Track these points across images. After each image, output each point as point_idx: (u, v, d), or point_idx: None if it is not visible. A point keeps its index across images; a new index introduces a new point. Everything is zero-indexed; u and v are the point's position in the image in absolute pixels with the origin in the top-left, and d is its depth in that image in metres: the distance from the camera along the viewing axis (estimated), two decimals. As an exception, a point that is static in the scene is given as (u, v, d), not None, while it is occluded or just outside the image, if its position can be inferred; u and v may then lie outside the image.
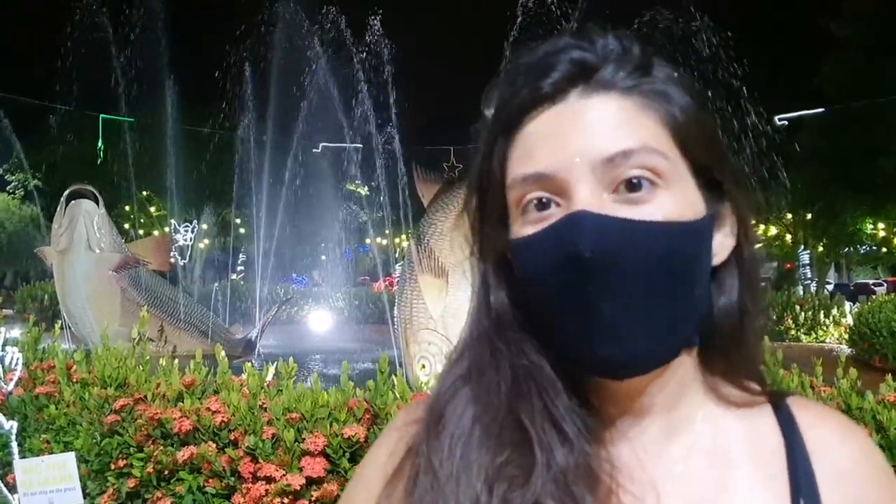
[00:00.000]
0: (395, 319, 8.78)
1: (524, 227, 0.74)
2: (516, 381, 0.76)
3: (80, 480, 3.16)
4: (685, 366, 0.78)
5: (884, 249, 39.13)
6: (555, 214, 0.72)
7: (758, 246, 0.82)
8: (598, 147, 0.71)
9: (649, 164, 0.71)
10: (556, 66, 0.74)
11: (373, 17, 16.22)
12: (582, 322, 0.70)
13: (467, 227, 0.84)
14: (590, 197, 0.70)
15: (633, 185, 0.71)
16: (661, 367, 0.74)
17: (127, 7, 19.52)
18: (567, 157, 0.72)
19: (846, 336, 15.03)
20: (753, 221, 0.82)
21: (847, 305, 17.75)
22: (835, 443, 0.79)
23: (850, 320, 15.61)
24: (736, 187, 0.79)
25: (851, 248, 40.48)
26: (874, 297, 20.50)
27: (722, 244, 0.78)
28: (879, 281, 45.33)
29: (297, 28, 18.46)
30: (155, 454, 3.52)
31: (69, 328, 12.42)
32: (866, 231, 36.73)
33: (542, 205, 0.73)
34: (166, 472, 3.52)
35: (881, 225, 36.24)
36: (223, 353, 4.37)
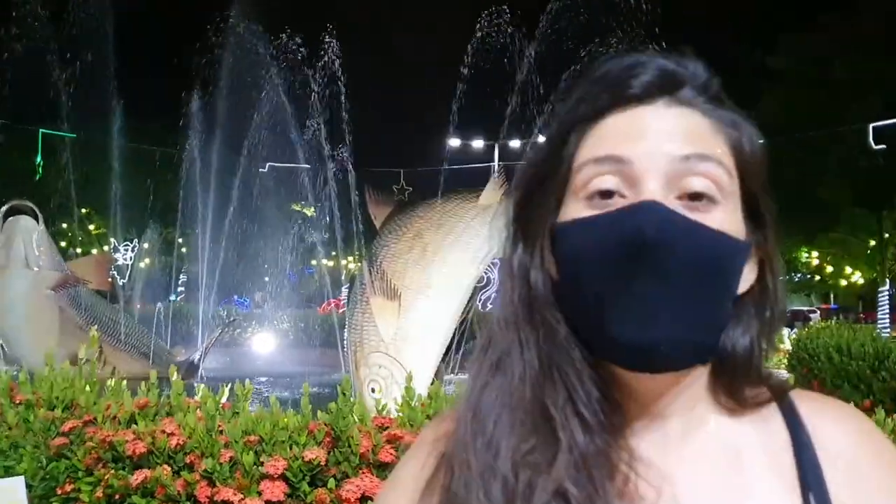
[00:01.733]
0: (345, 342, 8.72)
1: (586, 210, 0.77)
2: (542, 369, 0.78)
3: (26, 506, 3.05)
4: (699, 380, 0.81)
5: (817, 277, 40.33)
6: (618, 204, 0.75)
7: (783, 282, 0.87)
8: (676, 146, 0.76)
9: (716, 176, 0.76)
10: (645, 72, 0.79)
11: (326, 39, 16.21)
12: (629, 302, 0.73)
13: (509, 208, 0.86)
14: (658, 192, 0.74)
15: (696, 196, 0.75)
16: (687, 367, 0.77)
17: (71, 21, 19.18)
18: (644, 148, 0.76)
19: (785, 361, 15.39)
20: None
21: (785, 331, 18.19)
22: (834, 428, 0.82)
23: (788, 346, 16.00)
24: (771, 224, 0.84)
25: (787, 276, 41.60)
26: (810, 323, 21.06)
27: (746, 276, 0.81)
28: (813, 308, 46.62)
29: (248, 47, 18.36)
30: (105, 478, 3.41)
31: (2, 348, 12.08)
32: (801, 259, 37.83)
33: (608, 195, 0.76)
34: (117, 497, 3.40)
35: (815, 253, 37.37)
36: (175, 374, 4.27)
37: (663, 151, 0.76)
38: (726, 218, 0.77)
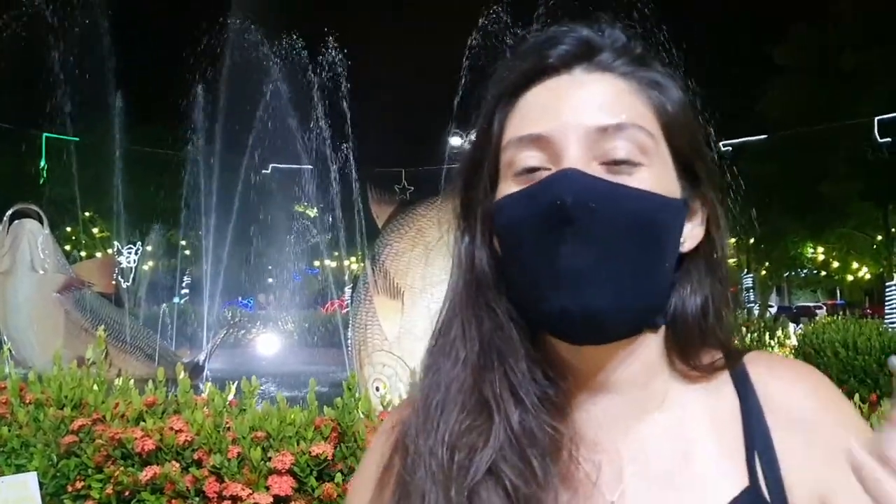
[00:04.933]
0: (349, 342, 8.71)
1: (516, 188, 0.77)
2: (482, 351, 0.79)
3: (37, 503, 3.07)
4: (651, 347, 0.81)
5: (823, 273, 40.23)
6: (541, 178, 0.76)
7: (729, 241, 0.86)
8: (594, 118, 0.76)
9: (637, 140, 0.76)
10: (562, 41, 0.80)
11: (328, 40, 16.22)
12: (554, 270, 0.72)
13: (454, 197, 0.87)
14: (578, 161, 0.74)
15: (619, 161, 0.75)
16: (621, 337, 0.77)
17: (73, 24, 19.20)
18: (563, 123, 0.76)
19: (791, 356, 15.36)
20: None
21: (791, 327, 18.17)
22: (786, 388, 0.82)
23: (794, 341, 15.98)
24: (709, 183, 0.83)
25: (793, 272, 41.54)
26: (816, 318, 21.05)
27: (691, 233, 0.82)
28: (819, 304, 46.50)
29: (251, 48, 18.36)
30: (115, 475, 3.43)
31: (10, 351, 12.08)
32: (807, 255, 37.75)
33: (533, 170, 0.76)
34: (127, 494, 3.43)
35: (821, 249, 37.28)
36: (182, 373, 4.29)
37: (580, 123, 0.76)
38: (653, 178, 0.76)
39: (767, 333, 17.47)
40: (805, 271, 41.92)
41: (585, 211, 0.71)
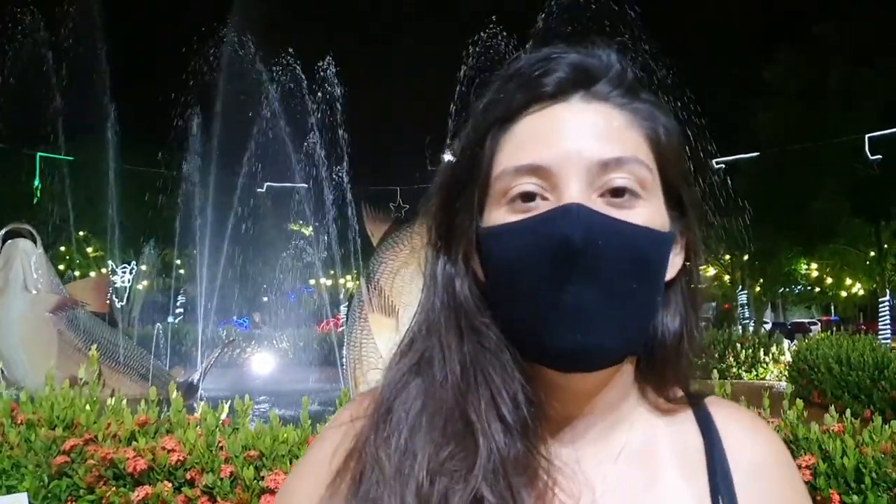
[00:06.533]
0: (344, 360, 8.70)
1: (509, 216, 0.76)
2: (465, 373, 0.77)
3: (28, 524, 3.05)
4: (626, 372, 0.82)
5: (817, 289, 40.30)
6: (541, 207, 0.75)
7: (701, 270, 0.87)
8: (595, 150, 0.75)
9: (637, 175, 0.76)
10: (559, 68, 0.78)
11: (322, 60, 16.28)
12: (557, 306, 0.72)
13: (431, 215, 0.85)
14: (580, 194, 0.73)
15: (618, 192, 0.75)
16: (612, 365, 0.77)
17: (68, 43, 19.26)
18: (563, 154, 0.75)
19: (785, 373, 15.38)
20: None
21: (785, 343, 18.19)
22: (747, 439, 0.84)
23: (788, 357, 15.99)
24: (693, 212, 0.84)
25: (787, 288, 41.61)
26: (810, 335, 21.12)
27: (673, 262, 0.82)
28: (813, 320, 46.58)
29: (246, 67, 18.42)
30: (107, 495, 3.42)
31: (2, 371, 12.04)
32: (801, 271, 37.82)
33: (529, 197, 0.75)
34: (118, 514, 3.41)
35: (814, 265, 37.35)
36: (176, 392, 4.28)
37: (582, 156, 0.75)
38: (649, 211, 0.77)
39: (762, 349, 17.50)
40: (799, 287, 42.04)
41: (593, 248, 0.71)
